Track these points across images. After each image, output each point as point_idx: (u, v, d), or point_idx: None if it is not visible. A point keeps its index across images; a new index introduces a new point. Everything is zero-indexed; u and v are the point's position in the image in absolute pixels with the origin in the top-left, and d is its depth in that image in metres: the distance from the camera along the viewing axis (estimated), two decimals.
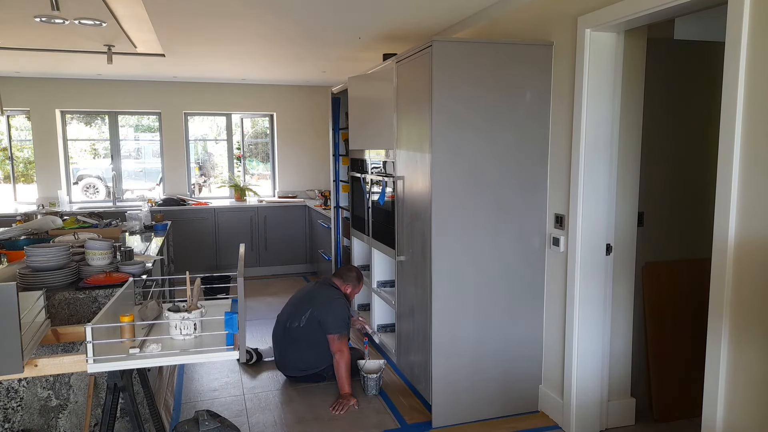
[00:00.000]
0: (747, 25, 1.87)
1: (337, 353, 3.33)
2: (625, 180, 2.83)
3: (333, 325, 3.38)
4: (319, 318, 3.42)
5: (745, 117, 1.90)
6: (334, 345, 3.35)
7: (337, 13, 3.57)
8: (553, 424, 3.02)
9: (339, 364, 3.31)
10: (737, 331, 1.97)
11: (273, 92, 7.03)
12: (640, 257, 2.96)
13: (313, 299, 3.54)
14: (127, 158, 7.00)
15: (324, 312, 3.43)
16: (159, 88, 6.64)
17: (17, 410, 2.36)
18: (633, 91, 2.77)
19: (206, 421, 2.37)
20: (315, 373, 3.49)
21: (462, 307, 2.98)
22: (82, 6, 3.25)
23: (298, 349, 3.48)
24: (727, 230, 1.97)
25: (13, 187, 6.62)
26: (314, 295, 3.59)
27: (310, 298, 3.57)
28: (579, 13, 2.67)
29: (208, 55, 5.01)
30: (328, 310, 3.43)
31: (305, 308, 3.51)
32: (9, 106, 6.16)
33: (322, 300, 3.50)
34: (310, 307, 3.49)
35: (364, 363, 3.50)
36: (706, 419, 2.09)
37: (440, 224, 2.89)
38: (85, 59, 5.06)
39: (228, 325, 1.81)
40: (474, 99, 2.85)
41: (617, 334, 2.93)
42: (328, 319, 3.40)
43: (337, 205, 5.23)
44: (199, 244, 6.36)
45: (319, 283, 3.72)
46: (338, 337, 3.35)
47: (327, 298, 3.50)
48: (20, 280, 2.46)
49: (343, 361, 3.31)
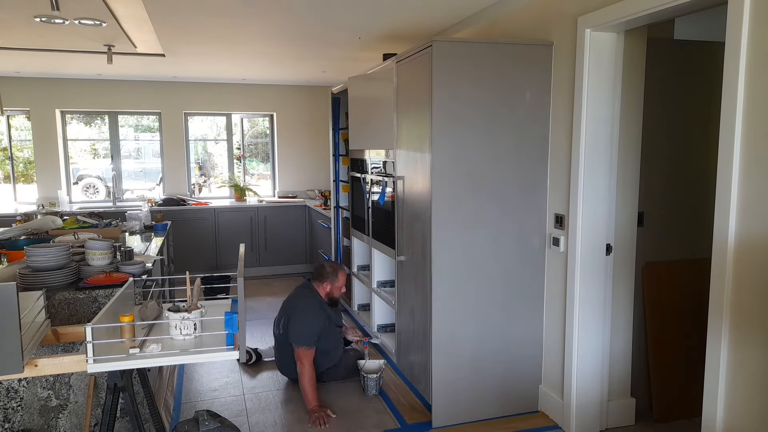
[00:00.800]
0: (747, 25, 1.87)
1: (298, 363, 3.25)
2: (625, 180, 2.83)
3: (297, 337, 3.31)
4: (289, 327, 3.38)
5: (745, 117, 1.90)
6: (296, 355, 3.28)
7: (337, 13, 3.57)
8: (553, 424, 3.02)
9: (301, 376, 3.22)
10: (737, 331, 1.97)
11: (273, 92, 7.03)
12: (640, 257, 2.96)
13: (289, 307, 3.50)
14: (127, 158, 7.00)
15: (294, 322, 3.37)
16: (159, 88, 6.64)
17: (17, 410, 2.36)
18: (633, 91, 2.77)
19: (206, 421, 2.37)
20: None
21: (462, 307, 2.98)
22: (82, 6, 3.25)
23: (288, 354, 3.45)
24: (727, 230, 1.97)
25: (13, 187, 6.62)
26: (291, 302, 3.53)
27: (287, 306, 3.53)
28: (579, 13, 2.67)
29: (208, 55, 5.01)
30: (296, 320, 3.37)
31: (283, 315, 3.49)
32: (9, 106, 6.16)
33: (296, 310, 3.43)
34: (284, 315, 3.47)
35: (364, 363, 3.48)
36: (706, 419, 2.09)
37: (440, 224, 2.89)
38: (85, 59, 5.06)
39: (228, 325, 1.81)
40: (474, 99, 2.85)
41: (617, 334, 2.93)
42: (295, 330, 3.33)
43: (337, 205, 5.23)
44: (199, 244, 6.36)
45: (300, 288, 3.63)
46: (302, 349, 3.26)
47: (300, 309, 3.43)
48: (20, 280, 2.46)
49: (305, 373, 3.20)
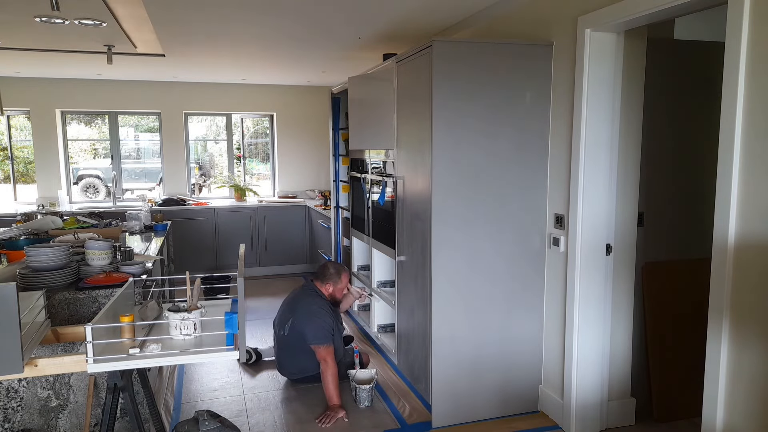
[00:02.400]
0: (747, 25, 1.87)
1: (322, 362, 3.24)
2: (625, 180, 2.83)
3: (313, 337, 3.29)
4: (299, 329, 3.35)
5: (745, 117, 1.90)
6: (319, 354, 3.26)
7: (338, 12, 3.57)
8: (553, 424, 3.02)
9: (325, 375, 3.21)
10: (737, 331, 1.97)
11: (273, 92, 7.03)
12: (640, 257, 2.96)
13: (294, 309, 3.46)
14: (127, 158, 7.00)
15: (303, 324, 3.34)
16: (159, 88, 6.64)
17: (17, 410, 2.36)
18: (633, 91, 2.77)
19: (206, 421, 2.37)
20: (311, 375, 3.45)
21: (462, 307, 2.98)
22: (82, 6, 3.25)
23: (290, 354, 3.45)
24: (727, 230, 1.97)
25: (13, 187, 6.62)
26: (295, 304, 3.50)
27: (291, 308, 3.49)
28: (579, 13, 2.67)
29: (208, 55, 5.01)
30: (306, 322, 3.34)
31: (287, 317, 3.45)
32: (9, 106, 6.16)
33: (302, 311, 3.40)
34: (291, 317, 3.43)
35: (355, 373, 3.40)
36: (706, 419, 2.09)
37: (440, 224, 2.89)
38: (85, 59, 5.06)
39: (228, 325, 1.81)
40: (474, 99, 2.85)
41: (617, 334, 2.93)
42: (308, 332, 3.30)
43: (337, 205, 5.23)
44: (199, 244, 6.36)
45: (302, 289, 3.61)
46: (323, 347, 3.25)
47: (306, 310, 3.40)
48: (20, 280, 2.46)
49: (328, 371, 3.20)
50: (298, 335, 3.35)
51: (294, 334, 3.38)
